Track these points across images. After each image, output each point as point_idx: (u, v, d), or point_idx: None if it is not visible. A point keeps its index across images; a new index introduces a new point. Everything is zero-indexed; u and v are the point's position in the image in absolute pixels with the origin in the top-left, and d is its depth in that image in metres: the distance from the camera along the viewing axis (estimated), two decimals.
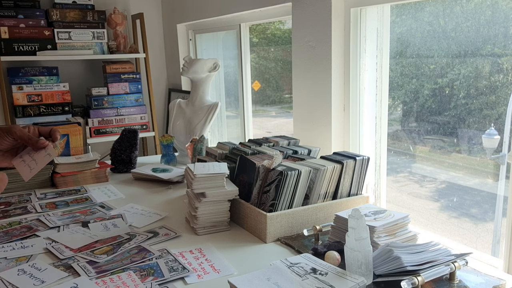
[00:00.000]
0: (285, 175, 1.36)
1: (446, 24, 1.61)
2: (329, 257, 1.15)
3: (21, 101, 2.84)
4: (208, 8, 2.74)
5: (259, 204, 1.43)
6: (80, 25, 2.96)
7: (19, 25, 2.80)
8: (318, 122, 1.90)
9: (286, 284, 1.01)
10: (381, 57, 1.75)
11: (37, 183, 1.97)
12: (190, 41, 3.26)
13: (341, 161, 1.47)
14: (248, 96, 2.73)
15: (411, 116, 1.82)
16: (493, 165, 1.54)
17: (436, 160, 1.78)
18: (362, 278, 1.02)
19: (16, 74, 2.83)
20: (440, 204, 1.76)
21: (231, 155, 1.72)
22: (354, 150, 1.84)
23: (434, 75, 1.68)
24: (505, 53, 1.44)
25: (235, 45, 2.77)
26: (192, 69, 2.34)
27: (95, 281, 1.12)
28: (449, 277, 1.05)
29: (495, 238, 1.53)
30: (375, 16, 1.74)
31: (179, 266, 1.19)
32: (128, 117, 3.12)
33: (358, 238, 1.03)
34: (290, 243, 1.33)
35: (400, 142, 1.88)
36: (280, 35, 2.79)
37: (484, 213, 1.61)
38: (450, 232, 1.67)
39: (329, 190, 1.48)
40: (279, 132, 2.25)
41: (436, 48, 1.64)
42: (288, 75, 2.23)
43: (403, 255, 1.03)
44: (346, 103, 1.84)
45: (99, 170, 2.06)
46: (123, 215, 1.60)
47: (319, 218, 1.44)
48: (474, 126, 1.56)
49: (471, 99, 1.56)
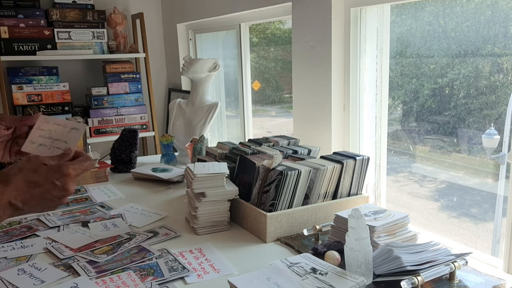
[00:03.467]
0: (285, 175, 1.36)
1: (446, 24, 1.61)
2: (329, 257, 1.15)
3: (21, 101, 2.84)
4: (208, 8, 2.74)
5: (259, 204, 1.43)
6: (80, 25, 2.96)
7: (19, 25, 2.80)
8: (318, 122, 1.90)
9: (286, 284, 1.01)
10: (381, 57, 1.75)
11: None
12: (190, 41, 3.26)
13: (341, 161, 1.47)
14: (248, 96, 2.73)
15: (411, 116, 1.82)
16: (493, 165, 1.54)
17: (436, 160, 1.78)
18: (362, 278, 1.02)
19: (16, 74, 2.83)
20: (440, 204, 1.76)
21: (231, 155, 1.72)
22: (354, 150, 1.84)
23: (434, 75, 1.68)
24: (505, 53, 1.44)
25: (235, 45, 2.77)
26: (192, 69, 2.34)
27: (95, 281, 1.12)
28: (449, 277, 1.05)
29: (495, 238, 1.53)
30: (375, 16, 1.74)
31: (179, 266, 1.19)
32: (128, 117, 3.12)
33: (358, 238, 1.03)
34: (290, 243, 1.33)
35: (400, 142, 1.88)
36: (280, 35, 2.79)
37: (484, 213, 1.61)
38: (450, 232, 1.67)
39: (329, 190, 1.48)
40: (279, 132, 2.25)
41: (436, 48, 1.64)
42: (288, 75, 2.23)
43: (403, 255, 1.03)
44: (346, 103, 1.84)
45: (99, 170, 2.06)
46: (123, 215, 1.60)
47: (319, 218, 1.44)
48: (474, 126, 1.56)
49: (471, 99, 1.56)
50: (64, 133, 0.92)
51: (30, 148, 0.92)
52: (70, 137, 0.91)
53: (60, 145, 0.91)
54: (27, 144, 0.92)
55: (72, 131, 0.92)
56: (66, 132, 0.92)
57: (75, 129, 0.92)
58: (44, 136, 0.92)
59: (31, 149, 0.91)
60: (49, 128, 0.93)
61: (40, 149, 0.91)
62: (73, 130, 0.92)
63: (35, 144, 0.92)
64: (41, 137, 0.92)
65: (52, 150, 0.90)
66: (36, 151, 0.91)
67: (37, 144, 0.92)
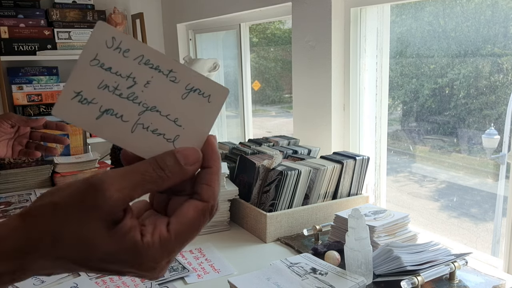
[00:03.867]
0: (285, 175, 1.35)
1: (446, 24, 1.61)
2: (329, 257, 1.15)
3: (21, 101, 2.84)
4: (208, 8, 2.74)
5: (259, 204, 1.43)
6: (80, 25, 2.96)
7: (19, 25, 2.80)
8: (318, 122, 1.90)
9: (286, 284, 1.01)
10: (381, 57, 1.75)
11: (37, 183, 1.97)
12: (190, 41, 3.26)
13: (341, 161, 1.47)
14: (248, 96, 2.73)
15: (411, 116, 1.82)
16: (493, 165, 1.54)
17: (436, 160, 1.78)
18: (362, 278, 1.02)
19: (16, 74, 2.83)
20: (440, 204, 1.76)
21: (231, 155, 1.72)
22: (354, 150, 1.84)
23: (434, 75, 1.68)
24: (505, 53, 1.44)
25: (235, 45, 2.77)
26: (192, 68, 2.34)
27: (95, 281, 1.12)
28: (449, 277, 1.05)
29: (495, 238, 1.53)
30: (375, 16, 1.74)
31: (179, 265, 1.19)
32: None
33: (358, 238, 1.03)
34: (290, 243, 1.33)
35: (400, 142, 1.88)
36: (280, 35, 2.79)
37: (484, 213, 1.61)
38: (450, 232, 1.67)
39: (329, 190, 1.48)
40: (279, 132, 2.25)
41: (436, 48, 1.64)
42: (288, 75, 2.23)
43: (403, 255, 1.03)
44: (346, 102, 1.84)
45: (99, 170, 2.06)
46: None
47: (319, 218, 1.44)
48: (474, 126, 1.56)
49: (471, 99, 1.56)
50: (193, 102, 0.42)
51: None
52: (196, 110, 0.43)
53: (175, 130, 0.43)
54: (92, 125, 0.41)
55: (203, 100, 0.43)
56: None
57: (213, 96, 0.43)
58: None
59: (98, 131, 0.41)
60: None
61: (138, 137, 0.42)
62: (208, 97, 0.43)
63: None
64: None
65: (154, 140, 0.42)
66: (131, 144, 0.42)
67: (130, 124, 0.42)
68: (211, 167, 0.44)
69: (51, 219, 0.38)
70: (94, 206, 0.37)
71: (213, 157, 0.44)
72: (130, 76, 0.41)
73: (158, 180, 0.41)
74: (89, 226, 0.37)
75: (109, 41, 0.40)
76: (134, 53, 0.41)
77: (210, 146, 0.44)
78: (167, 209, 0.44)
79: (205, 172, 0.43)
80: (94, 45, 0.40)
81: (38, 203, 0.39)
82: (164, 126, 0.42)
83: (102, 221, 0.38)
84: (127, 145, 0.42)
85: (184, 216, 0.41)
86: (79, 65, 0.41)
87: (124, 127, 0.41)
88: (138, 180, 0.40)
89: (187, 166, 0.42)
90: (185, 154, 0.42)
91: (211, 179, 0.43)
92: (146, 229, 0.40)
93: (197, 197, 0.43)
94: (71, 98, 0.40)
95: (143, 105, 0.42)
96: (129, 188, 0.39)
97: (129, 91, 0.41)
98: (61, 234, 0.37)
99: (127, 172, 0.40)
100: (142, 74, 0.41)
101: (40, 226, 0.38)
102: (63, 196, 0.38)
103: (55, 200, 0.38)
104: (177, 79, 0.42)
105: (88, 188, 0.38)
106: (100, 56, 0.40)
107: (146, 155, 0.42)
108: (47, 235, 0.37)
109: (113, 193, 0.38)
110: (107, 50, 0.41)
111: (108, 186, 0.38)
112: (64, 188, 0.39)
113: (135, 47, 0.41)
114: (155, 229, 0.40)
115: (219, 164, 0.44)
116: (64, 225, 0.37)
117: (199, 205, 0.42)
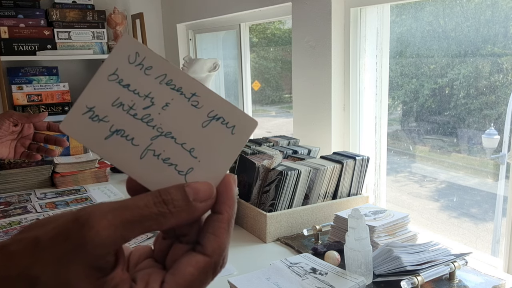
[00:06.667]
0: (285, 175, 1.35)
1: (446, 24, 1.61)
2: (329, 257, 1.15)
3: (21, 101, 2.84)
4: (208, 8, 2.74)
5: (259, 204, 1.43)
6: (80, 25, 2.96)
7: (19, 25, 2.80)
8: (318, 122, 1.90)
9: (286, 284, 1.01)
10: (381, 57, 1.75)
11: (37, 183, 1.97)
12: (190, 41, 3.26)
13: (341, 161, 1.47)
14: (248, 96, 2.73)
15: (411, 116, 1.82)
16: (493, 165, 1.54)
17: (436, 160, 1.78)
18: (362, 278, 1.02)
19: (16, 74, 2.83)
20: (440, 204, 1.76)
21: None
22: (354, 150, 1.84)
23: (434, 75, 1.68)
24: (505, 53, 1.44)
25: (235, 45, 2.77)
26: (192, 69, 2.34)
27: None
28: (449, 277, 1.05)
29: (495, 238, 1.53)
30: (375, 16, 1.74)
31: None
32: None
33: (358, 238, 1.03)
34: (290, 243, 1.33)
35: (400, 142, 1.88)
36: (280, 35, 2.79)
37: (484, 213, 1.61)
38: (450, 232, 1.67)
39: (329, 190, 1.48)
40: (279, 132, 2.25)
41: (436, 48, 1.64)
42: (288, 75, 2.23)
43: (402, 255, 1.03)
44: (346, 103, 1.84)
45: (99, 169, 2.06)
46: None
47: (319, 218, 1.44)
48: (474, 126, 1.56)
49: (471, 99, 1.56)
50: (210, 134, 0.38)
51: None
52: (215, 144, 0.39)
53: (189, 161, 0.38)
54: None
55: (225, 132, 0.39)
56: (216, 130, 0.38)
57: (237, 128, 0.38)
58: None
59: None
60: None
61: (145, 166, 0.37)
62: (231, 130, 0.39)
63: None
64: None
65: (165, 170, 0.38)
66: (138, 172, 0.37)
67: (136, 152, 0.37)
68: (222, 214, 0.36)
69: (29, 259, 0.31)
70: (78, 246, 0.31)
71: (228, 202, 0.37)
72: (149, 96, 0.37)
73: (159, 216, 0.33)
74: (70, 270, 0.31)
75: (132, 56, 0.37)
76: (156, 72, 0.38)
77: (226, 188, 0.37)
78: (166, 259, 0.37)
79: (214, 219, 0.36)
80: (116, 59, 0.37)
81: (20, 236, 0.33)
82: (178, 155, 0.37)
83: (85, 267, 0.31)
84: (133, 172, 0.37)
85: (181, 275, 0.34)
86: (96, 79, 0.38)
87: (133, 151, 0.37)
88: (135, 216, 0.32)
89: (196, 202, 0.34)
90: (195, 187, 0.35)
91: (219, 228, 0.36)
92: (136, 287, 0.33)
93: (200, 249, 0.36)
94: (82, 114, 0.37)
95: (157, 129, 0.37)
96: (123, 226, 0.32)
97: (145, 112, 0.37)
98: (38, 279, 0.31)
99: (123, 206, 0.33)
100: (162, 95, 0.38)
101: (16, 265, 0.31)
102: (47, 231, 0.32)
103: (39, 234, 0.32)
104: (199, 104, 0.38)
105: (74, 223, 0.31)
106: (119, 71, 0.37)
107: (152, 186, 0.36)
108: (23, 278, 0.31)
109: (100, 231, 0.31)
110: (128, 65, 0.37)
111: (95, 221, 0.31)
112: (52, 220, 0.33)
113: (159, 65, 0.38)
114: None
115: (232, 212, 0.37)
116: (44, 267, 0.31)
117: (201, 261, 0.35)
